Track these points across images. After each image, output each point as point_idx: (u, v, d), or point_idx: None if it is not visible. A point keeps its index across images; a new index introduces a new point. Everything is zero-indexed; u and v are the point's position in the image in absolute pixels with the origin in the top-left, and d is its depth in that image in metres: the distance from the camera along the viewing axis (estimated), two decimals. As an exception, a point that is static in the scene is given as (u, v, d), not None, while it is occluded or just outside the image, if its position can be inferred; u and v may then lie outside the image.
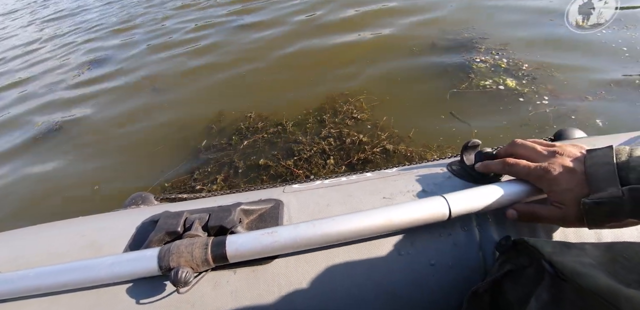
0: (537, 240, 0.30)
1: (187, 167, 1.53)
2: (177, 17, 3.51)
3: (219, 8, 3.44)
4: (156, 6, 4.09)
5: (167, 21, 3.46)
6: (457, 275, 0.37)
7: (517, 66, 1.72)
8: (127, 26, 3.63)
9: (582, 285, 0.23)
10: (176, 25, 3.26)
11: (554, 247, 0.28)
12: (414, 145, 1.32)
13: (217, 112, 1.79)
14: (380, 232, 0.37)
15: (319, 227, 0.35)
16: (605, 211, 0.29)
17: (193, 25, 3.14)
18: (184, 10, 3.68)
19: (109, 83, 2.43)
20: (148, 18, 3.72)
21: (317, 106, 1.65)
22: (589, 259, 0.27)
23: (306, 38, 2.35)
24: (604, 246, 0.28)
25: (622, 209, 0.28)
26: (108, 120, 2.00)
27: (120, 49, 3.06)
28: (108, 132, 1.88)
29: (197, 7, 3.64)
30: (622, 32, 1.87)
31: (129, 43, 3.14)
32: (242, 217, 0.41)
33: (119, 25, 3.74)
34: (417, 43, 2.02)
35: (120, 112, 2.03)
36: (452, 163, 0.49)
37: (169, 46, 2.81)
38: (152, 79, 2.31)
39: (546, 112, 1.41)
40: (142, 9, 4.13)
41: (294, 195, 0.47)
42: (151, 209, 0.49)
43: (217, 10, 3.39)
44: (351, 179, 0.50)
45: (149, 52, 2.79)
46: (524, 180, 0.38)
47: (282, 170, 1.35)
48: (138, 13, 4.01)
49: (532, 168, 0.35)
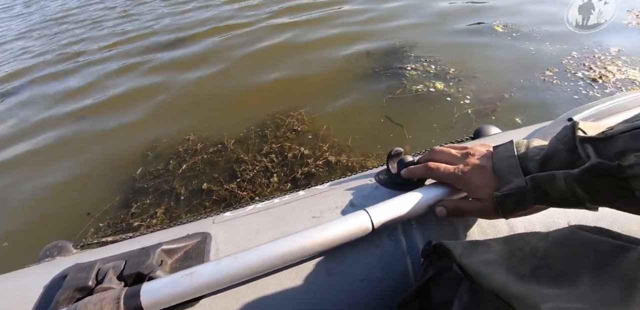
0: (451, 242, 0.31)
1: (124, 201, 1.40)
2: (93, 40, 3.29)
3: (144, 29, 3.29)
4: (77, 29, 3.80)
5: (82, 43, 3.22)
6: (386, 287, 0.38)
7: (444, 70, 1.85)
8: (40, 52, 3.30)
9: (483, 286, 0.24)
10: (110, 51, 3.05)
11: (464, 248, 0.30)
12: (355, 154, 1.34)
13: (152, 137, 1.68)
14: (307, 255, 0.36)
15: (241, 260, 0.34)
16: (514, 200, 0.31)
17: (119, 49, 2.96)
18: (101, 31, 3.47)
19: (27, 116, 2.16)
20: (67, 41, 3.43)
21: (259, 122, 1.62)
22: (493, 255, 0.28)
23: (239, 52, 2.32)
24: (503, 240, 0.30)
25: (526, 197, 0.31)
26: (28, 158, 1.76)
27: (39, 79, 2.74)
28: (27, 173, 1.65)
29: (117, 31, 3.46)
30: (528, 35, 2.11)
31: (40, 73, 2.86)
32: (165, 258, 0.39)
33: (37, 50, 3.39)
34: (353, 53, 2.09)
35: (42, 147, 1.81)
36: (380, 172, 0.49)
37: (95, 71, 2.59)
38: (81, 108, 2.10)
39: (469, 112, 1.53)
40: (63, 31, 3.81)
41: (224, 225, 0.45)
42: (67, 260, 0.44)
43: (146, 32, 3.24)
44: (284, 200, 0.49)
45: (76, 80, 2.55)
46: (441, 184, 0.40)
47: (226, 193, 1.29)
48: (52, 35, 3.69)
49: (450, 171, 0.37)
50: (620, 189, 0.25)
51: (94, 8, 4.38)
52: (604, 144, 0.27)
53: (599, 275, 0.21)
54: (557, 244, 0.25)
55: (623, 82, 1.62)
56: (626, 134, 0.26)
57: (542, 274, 0.24)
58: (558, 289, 0.22)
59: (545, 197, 0.30)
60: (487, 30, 2.22)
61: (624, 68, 1.71)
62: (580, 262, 0.23)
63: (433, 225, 0.41)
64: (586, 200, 0.27)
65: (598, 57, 1.81)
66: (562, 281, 0.23)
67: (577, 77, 1.68)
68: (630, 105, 0.53)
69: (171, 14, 3.56)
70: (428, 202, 0.39)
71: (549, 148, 0.32)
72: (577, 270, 0.23)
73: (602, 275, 0.21)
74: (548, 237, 0.27)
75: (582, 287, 0.21)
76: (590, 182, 0.26)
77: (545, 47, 1.95)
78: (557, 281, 0.23)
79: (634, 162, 0.24)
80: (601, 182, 0.26)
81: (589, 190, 0.27)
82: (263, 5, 3.24)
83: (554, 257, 0.25)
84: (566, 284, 0.22)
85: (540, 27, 2.18)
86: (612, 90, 1.57)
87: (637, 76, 1.65)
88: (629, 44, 1.89)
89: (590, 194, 0.27)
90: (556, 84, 1.65)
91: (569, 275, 0.23)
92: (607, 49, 1.87)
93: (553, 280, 0.23)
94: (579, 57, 1.83)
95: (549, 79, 1.70)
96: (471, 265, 0.27)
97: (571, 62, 1.80)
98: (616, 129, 0.27)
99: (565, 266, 0.23)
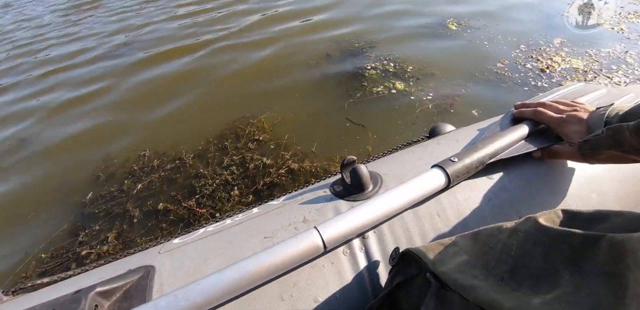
0: (419, 248, 0.31)
1: (71, 229, 1.28)
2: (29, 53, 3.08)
3: (91, 36, 3.12)
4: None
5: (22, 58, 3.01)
6: (344, 304, 0.36)
7: (402, 69, 1.87)
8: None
9: (468, 298, 0.24)
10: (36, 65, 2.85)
11: (435, 254, 0.30)
12: (319, 160, 1.30)
13: (103, 156, 1.56)
14: (257, 282, 0.34)
15: (182, 297, 0.31)
16: (590, 145, 0.37)
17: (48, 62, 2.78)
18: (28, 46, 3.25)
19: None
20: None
21: (218, 133, 1.55)
22: (466, 256, 0.28)
23: (196, 62, 2.24)
24: (470, 235, 0.30)
25: (600, 143, 0.36)
26: None
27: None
28: None
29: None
30: (481, 30, 2.19)
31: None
32: (100, 301, 0.35)
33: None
34: (312, 56, 2.07)
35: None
36: (335, 182, 0.48)
37: (23, 86, 2.40)
38: (19, 130, 1.92)
39: (430, 107, 1.54)
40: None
41: (169, 254, 0.42)
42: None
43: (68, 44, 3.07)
44: (236, 220, 0.47)
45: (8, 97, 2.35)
46: (394, 193, 0.39)
47: (184, 212, 1.21)
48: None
49: (554, 117, 0.44)
50: None
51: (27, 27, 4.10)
52: None
53: (577, 271, 0.21)
54: (530, 241, 0.25)
55: (568, 71, 1.70)
56: None
57: (521, 276, 0.24)
58: (543, 292, 0.21)
59: (617, 144, 0.35)
60: (441, 27, 2.28)
61: (568, 58, 1.80)
62: (555, 259, 0.23)
63: (388, 234, 0.40)
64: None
65: (544, 49, 1.90)
66: (543, 281, 0.22)
67: (527, 68, 1.75)
68: (570, 97, 0.56)
69: (119, 21, 3.40)
70: (380, 212, 0.38)
71: (632, 107, 0.37)
72: (554, 267, 0.23)
73: (580, 270, 0.21)
74: (517, 232, 0.26)
75: (567, 288, 0.21)
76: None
77: (497, 42, 2.03)
78: (539, 281, 0.23)
79: None
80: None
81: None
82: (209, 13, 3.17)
83: (529, 256, 0.24)
84: (549, 284, 0.22)
85: (491, 23, 2.27)
86: (558, 79, 1.64)
87: (579, 65, 1.74)
88: (570, 35, 2.00)
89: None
90: (508, 76, 1.71)
91: (548, 275, 0.23)
92: (551, 40, 1.97)
93: (534, 280, 0.23)
94: (527, 49, 1.91)
95: (501, 71, 1.76)
96: (448, 274, 0.26)
97: (520, 54, 1.88)
98: None
99: (543, 265, 0.23)
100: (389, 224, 0.41)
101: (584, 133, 0.40)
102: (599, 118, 0.39)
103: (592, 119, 0.40)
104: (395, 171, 0.48)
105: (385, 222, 0.40)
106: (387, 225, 0.41)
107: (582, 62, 1.76)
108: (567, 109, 0.45)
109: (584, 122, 0.41)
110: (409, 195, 0.39)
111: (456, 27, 2.27)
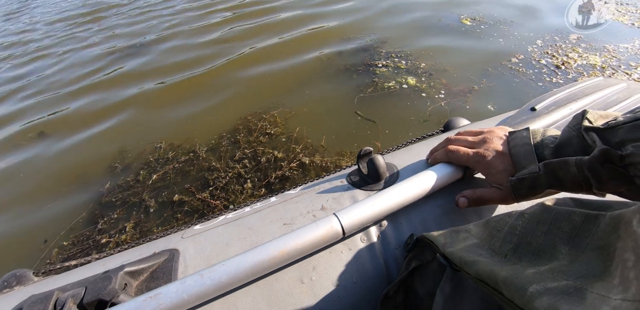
0: (433, 234, 0.32)
1: (90, 217, 1.32)
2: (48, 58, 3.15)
3: (105, 36, 3.18)
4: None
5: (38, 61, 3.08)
6: (362, 289, 0.37)
7: (415, 65, 1.86)
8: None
9: (470, 273, 0.24)
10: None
11: (446, 238, 0.30)
12: (329, 154, 1.32)
13: (119, 148, 1.60)
14: (278, 265, 0.35)
15: (207, 277, 0.32)
16: (527, 185, 0.33)
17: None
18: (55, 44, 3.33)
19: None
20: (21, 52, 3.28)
21: (231, 128, 1.57)
22: (475, 240, 0.28)
23: (207, 56, 2.27)
24: (483, 222, 0.30)
25: (539, 182, 0.32)
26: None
27: None
28: None
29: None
30: (496, 26, 2.15)
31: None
32: (129, 280, 0.37)
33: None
34: (325, 52, 2.08)
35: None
36: (351, 173, 0.49)
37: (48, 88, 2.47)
38: (39, 124, 1.99)
39: (442, 105, 1.53)
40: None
41: (192, 239, 0.43)
42: (26, 290, 0.42)
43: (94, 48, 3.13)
44: (255, 208, 0.48)
45: (27, 94, 2.42)
46: (410, 183, 0.40)
47: (198, 203, 1.24)
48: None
49: (470, 154, 0.38)
50: (621, 176, 0.27)
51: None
52: (607, 134, 0.29)
53: (575, 246, 0.22)
54: (534, 220, 0.25)
55: (584, 67, 1.67)
56: (627, 125, 0.28)
57: (522, 252, 0.25)
58: (540, 265, 0.22)
59: (558, 182, 0.31)
60: (455, 23, 2.24)
61: (585, 54, 1.76)
62: (556, 235, 0.23)
63: (404, 222, 0.41)
64: (595, 186, 0.28)
65: (559, 45, 1.86)
66: (542, 256, 0.23)
67: (542, 64, 1.72)
68: (588, 92, 0.56)
69: (131, 18, 3.45)
70: (398, 202, 0.39)
71: (562, 136, 0.33)
72: (554, 243, 0.23)
73: (578, 245, 0.22)
74: (524, 214, 0.27)
75: (563, 262, 0.21)
76: (598, 168, 0.28)
77: (512, 38, 1.99)
78: (538, 257, 0.23)
79: (631, 151, 0.26)
80: (605, 168, 0.27)
81: (597, 176, 0.28)
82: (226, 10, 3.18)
83: (532, 234, 0.25)
84: (546, 258, 0.23)
85: (506, 18, 2.22)
86: (574, 75, 1.61)
87: (597, 61, 1.70)
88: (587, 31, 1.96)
89: (597, 180, 0.28)
90: (522, 72, 1.68)
91: (547, 250, 0.23)
92: (567, 36, 1.92)
93: (534, 256, 0.24)
94: (542, 45, 1.88)
95: (516, 66, 1.73)
96: (455, 253, 0.27)
97: (536, 50, 1.84)
98: (619, 120, 0.29)
99: (543, 241, 0.24)
100: (405, 213, 0.42)
101: (512, 169, 0.35)
102: (525, 149, 0.34)
103: (515, 150, 0.35)
104: (411, 162, 0.49)
105: (401, 210, 0.41)
106: (403, 214, 0.41)
107: (599, 58, 1.72)
108: (477, 139, 0.40)
109: (506, 156, 0.36)
110: (425, 185, 0.40)
111: (470, 22, 2.24)
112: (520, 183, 0.33)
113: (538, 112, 0.54)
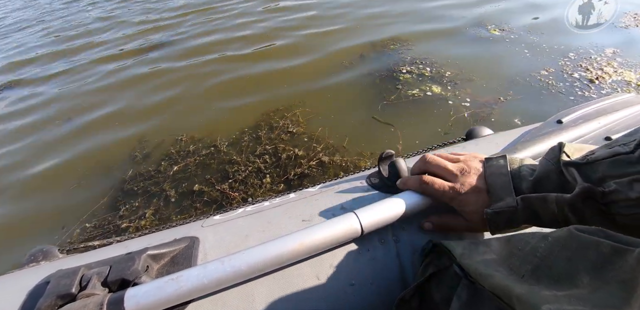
0: (450, 242, 0.32)
1: (112, 202, 1.37)
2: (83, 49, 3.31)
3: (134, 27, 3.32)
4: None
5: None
6: (378, 290, 0.37)
7: (439, 73, 1.85)
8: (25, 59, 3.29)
9: (485, 286, 0.24)
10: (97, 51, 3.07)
11: (464, 248, 0.30)
12: (349, 154, 1.32)
13: (138, 137, 1.65)
14: (295, 259, 0.36)
15: (228, 264, 0.33)
16: (504, 219, 0.32)
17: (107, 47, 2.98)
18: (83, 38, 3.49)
19: (12, 121, 2.13)
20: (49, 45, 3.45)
21: (253, 124, 1.60)
22: (494, 255, 0.28)
23: (238, 63, 2.32)
24: (505, 238, 0.30)
25: (517, 216, 0.32)
26: (10, 162, 1.73)
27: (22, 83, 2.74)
28: (9, 177, 1.61)
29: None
30: (525, 37, 2.12)
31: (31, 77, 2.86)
32: (151, 263, 0.38)
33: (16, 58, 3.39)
34: (348, 57, 2.09)
35: (26, 151, 1.78)
36: (371, 175, 0.49)
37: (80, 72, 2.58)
38: (67, 110, 2.08)
39: (465, 115, 1.51)
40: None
41: (212, 228, 0.44)
42: (52, 265, 0.43)
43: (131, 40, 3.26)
44: (274, 203, 0.48)
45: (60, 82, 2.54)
46: None
47: (217, 194, 1.26)
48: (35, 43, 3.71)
49: (445, 189, 0.37)
50: (602, 213, 0.27)
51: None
52: (586, 169, 0.29)
53: (598, 277, 0.21)
54: (558, 244, 0.25)
55: (619, 83, 1.61)
56: (607, 161, 0.27)
57: (542, 274, 0.24)
58: (558, 290, 0.22)
59: (535, 218, 0.31)
60: (483, 33, 2.23)
61: (620, 69, 1.70)
62: (579, 264, 0.23)
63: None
64: (575, 223, 0.27)
65: (594, 58, 1.81)
66: (562, 282, 0.23)
67: (574, 78, 1.67)
68: (618, 107, 0.55)
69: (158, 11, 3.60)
70: (419, 205, 0.39)
71: (540, 169, 0.33)
72: (576, 271, 0.23)
73: (601, 277, 0.21)
74: (548, 237, 0.26)
75: (582, 290, 0.21)
76: (580, 206, 0.27)
77: (542, 49, 1.96)
78: (557, 282, 0.23)
79: (615, 188, 0.25)
80: (587, 206, 0.27)
81: (580, 215, 0.28)
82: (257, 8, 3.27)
83: (554, 258, 0.24)
84: (566, 285, 0.22)
85: (536, 30, 2.19)
86: (608, 91, 1.56)
87: (632, 78, 1.64)
88: (624, 46, 1.89)
89: (579, 218, 0.28)
90: (552, 85, 1.64)
91: (568, 276, 0.23)
92: (603, 50, 1.87)
93: (553, 280, 0.23)
94: (576, 58, 1.83)
95: (545, 79, 1.69)
96: (471, 265, 0.27)
97: (568, 63, 1.80)
98: (597, 154, 0.28)
99: (565, 267, 0.23)
100: (424, 217, 0.41)
101: (484, 203, 0.34)
102: (502, 180, 0.33)
103: (492, 179, 0.34)
104: None
105: (420, 214, 0.40)
106: (422, 219, 0.41)
107: (634, 74, 1.66)
108: (455, 169, 0.37)
109: (482, 193, 0.34)
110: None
111: (499, 32, 2.22)
112: (497, 216, 0.33)
113: (565, 124, 0.53)
